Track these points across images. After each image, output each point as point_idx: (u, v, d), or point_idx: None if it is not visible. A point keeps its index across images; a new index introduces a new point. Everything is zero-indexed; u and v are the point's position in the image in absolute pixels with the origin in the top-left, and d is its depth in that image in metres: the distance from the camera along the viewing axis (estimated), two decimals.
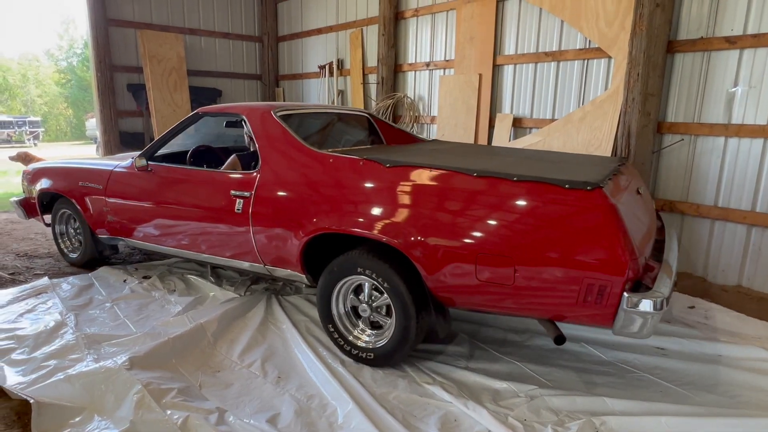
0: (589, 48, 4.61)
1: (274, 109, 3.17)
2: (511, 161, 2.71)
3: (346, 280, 2.65)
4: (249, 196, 2.89)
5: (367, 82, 7.12)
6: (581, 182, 2.06)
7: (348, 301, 2.72)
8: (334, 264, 2.63)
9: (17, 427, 2.10)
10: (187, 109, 7.82)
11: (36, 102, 34.87)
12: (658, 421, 2.16)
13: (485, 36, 5.44)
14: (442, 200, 2.30)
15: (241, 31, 8.75)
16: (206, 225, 3.13)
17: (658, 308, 1.92)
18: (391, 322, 2.54)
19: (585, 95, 4.73)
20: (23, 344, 2.73)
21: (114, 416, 2.11)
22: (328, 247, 2.81)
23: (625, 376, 2.61)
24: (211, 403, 2.29)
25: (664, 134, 4.17)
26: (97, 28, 7.22)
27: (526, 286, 2.12)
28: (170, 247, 3.45)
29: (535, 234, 2.08)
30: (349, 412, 2.22)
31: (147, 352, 2.56)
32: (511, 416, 2.22)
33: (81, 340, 2.77)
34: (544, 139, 4.90)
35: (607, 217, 1.98)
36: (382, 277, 2.45)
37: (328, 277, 2.67)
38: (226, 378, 2.53)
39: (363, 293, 2.65)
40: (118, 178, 3.62)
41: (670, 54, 4.04)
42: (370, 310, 2.64)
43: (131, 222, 3.58)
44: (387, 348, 2.56)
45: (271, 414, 2.23)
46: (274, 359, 2.71)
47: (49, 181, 4.03)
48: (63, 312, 3.16)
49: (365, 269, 2.50)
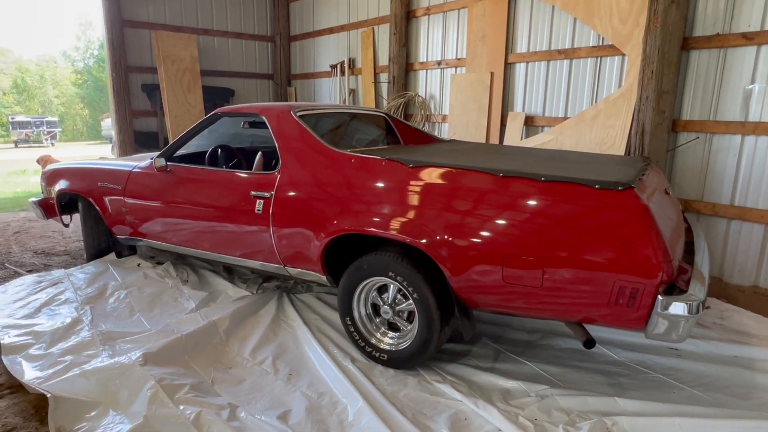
0: (602, 45, 4.57)
1: (294, 108, 3.15)
2: (534, 161, 2.68)
3: (369, 282, 2.62)
4: (269, 197, 2.88)
5: (378, 81, 7.13)
6: (612, 182, 2.02)
7: (369, 303, 2.70)
8: (355, 265, 2.61)
9: (35, 420, 2.15)
10: (201, 109, 7.89)
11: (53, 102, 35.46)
12: (672, 423, 2.13)
13: (497, 34, 5.41)
14: (468, 201, 2.27)
15: (254, 31, 8.81)
16: (226, 226, 3.13)
17: (693, 312, 1.86)
18: (413, 326, 2.53)
19: (598, 93, 4.68)
20: (40, 340, 2.78)
21: (128, 411, 2.15)
22: (349, 249, 2.79)
23: (638, 376, 2.58)
24: (223, 399, 2.31)
25: (678, 132, 4.11)
26: (113, 29, 7.32)
27: (554, 288, 2.09)
28: (189, 247, 3.46)
29: (564, 235, 2.04)
30: (359, 409, 2.22)
31: (160, 349, 2.60)
32: (522, 416, 2.21)
33: (96, 337, 2.82)
34: (556, 138, 4.87)
35: (640, 218, 1.94)
36: (406, 279, 2.42)
37: (350, 278, 2.65)
38: (238, 374, 2.55)
39: (387, 294, 2.62)
40: (136, 178, 3.64)
41: (685, 51, 3.98)
42: (392, 312, 2.62)
43: (150, 222, 3.59)
44: (408, 351, 2.54)
45: (283, 411, 2.25)
46: (285, 357, 2.74)
47: (68, 182, 4.06)
48: (78, 307, 3.21)
49: (388, 271, 2.48)
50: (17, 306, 3.26)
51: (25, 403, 2.26)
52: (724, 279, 3.95)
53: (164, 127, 7.84)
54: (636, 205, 1.96)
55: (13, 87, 34.38)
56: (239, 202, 3.02)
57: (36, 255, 4.52)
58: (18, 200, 7.68)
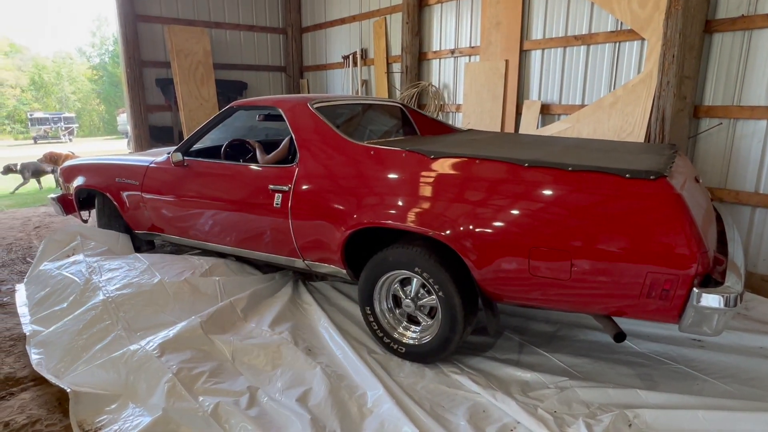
0: (620, 30, 4.45)
1: (311, 101, 3.11)
2: (557, 150, 2.62)
3: (391, 275, 2.58)
4: (288, 190, 2.86)
5: (391, 71, 7.07)
6: (643, 171, 1.95)
7: (391, 295, 2.67)
8: (378, 258, 2.57)
9: (58, 412, 2.18)
10: (214, 103, 7.92)
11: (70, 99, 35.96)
12: (695, 416, 2.09)
13: (512, 21, 5.31)
14: (491, 192, 2.21)
15: (266, 23, 8.79)
16: (243, 220, 3.11)
17: (730, 305, 1.79)
18: (434, 321, 2.50)
19: (616, 79, 4.57)
20: (61, 330, 2.78)
21: (147, 403, 2.17)
22: (368, 241, 2.76)
23: (660, 367, 2.53)
24: (243, 380, 2.34)
25: (701, 118, 4.01)
26: (126, 24, 7.36)
27: (582, 280, 2.03)
28: (207, 241, 3.46)
29: (593, 226, 1.98)
30: (379, 397, 2.23)
31: (177, 334, 2.60)
32: (541, 408, 2.18)
33: (116, 326, 2.75)
34: (573, 126, 4.78)
35: (674, 208, 1.87)
36: (432, 276, 2.38)
37: (372, 271, 2.61)
38: (258, 346, 2.59)
39: (410, 287, 2.58)
40: (154, 173, 3.63)
41: (707, 34, 3.86)
42: (414, 306, 2.58)
43: (167, 217, 3.60)
44: (429, 346, 2.51)
45: (303, 390, 2.27)
46: (303, 333, 2.78)
47: (86, 178, 4.08)
48: (99, 289, 3.13)
49: (413, 266, 2.44)
50: (40, 295, 3.26)
51: (49, 395, 2.30)
52: (749, 268, 3.86)
53: (179, 122, 7.89)
54: (669, 194, 1.89)
55: (31, 84, 34.92)
56: (257, 196, 3.01)
57: None
58: (39, 196, 7.82)
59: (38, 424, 2.11)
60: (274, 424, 2.06)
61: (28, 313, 3.03)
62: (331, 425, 2.07)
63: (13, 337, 2.86)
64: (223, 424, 2.03)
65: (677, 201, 1.88)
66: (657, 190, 1.91)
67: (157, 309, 2.91)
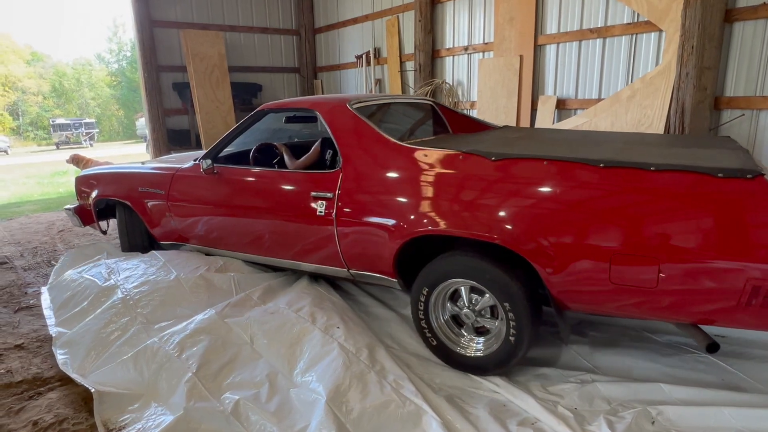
0: (637, 22, 4.38)
1: (349, 101, 2.95)
2: (620, 147, 2.47)
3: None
4: (332, 197, 2.69)
5: (404, 69, 7.06)
6: (737, 170, 1.83)
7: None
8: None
9: (84, 411, 2.23)
10: (230, 105, 8.01)
11: (90, 104, 36.70)
12: (721, 412, 2.03)
13: (526, 16, 5.26)
14: (566, 195, 2.06)
15: (279, 25, 8.86)
16: (282, 229, 2.97)
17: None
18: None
19: (634, 72, 4.50)
20: (84, 330, 2.82)
21: (169, 403, 2.20)
22: (419, 250, 2.60)
23: (685, 358, 2.47)
24: (263, 366, 2.36)
25: (722, 110, 3.92)
26: (143, 30, 7.49)
27: (672, 288, 1.90)
28: (241, 251, 3.32)
29: (684, 230, 1.85)
30: (399, 375, 2.25)
31: (195, 327, 2.62)
32: (561, 404, 2.15)
33: (134, 322, 2.79)
34: (590, 120, 4.72)
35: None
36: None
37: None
38: (276, 327, 2.62)
39: (464, 297, 2.43)
40: (181, 181, 3.44)
41: (728, 23, 3.78)
42: (474, 315, 2.40)
43: (197, 227, 3.43)
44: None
45: (321, 368, 2.28)
46: (320, 311, 2.77)
47: (107, 187, 3.88)
48: (118, 288, 3.18)
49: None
50: (63, 298, 3.33)
51: (75, 395, 2.35)
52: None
53: (195, 125, 8.00)
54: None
55: (53, 91, 35.73)
56: (298, 204, 2.84)
57: None
58: (61, 200, 7.99)
59: (65, 423, 2.16)
60: (294, 411, 2.09)
61: (53, 316, 3.11)
62: (350, 405, 2.07)
63: (40, 339, 2.93)
64: (243, 422, 2.05)
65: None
66: (755, 188, 1.78)
67: (174, 304, 2.94)
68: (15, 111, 33.42)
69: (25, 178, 12.05)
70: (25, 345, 2.87)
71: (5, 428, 2.14)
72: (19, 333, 3.03)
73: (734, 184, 1.82)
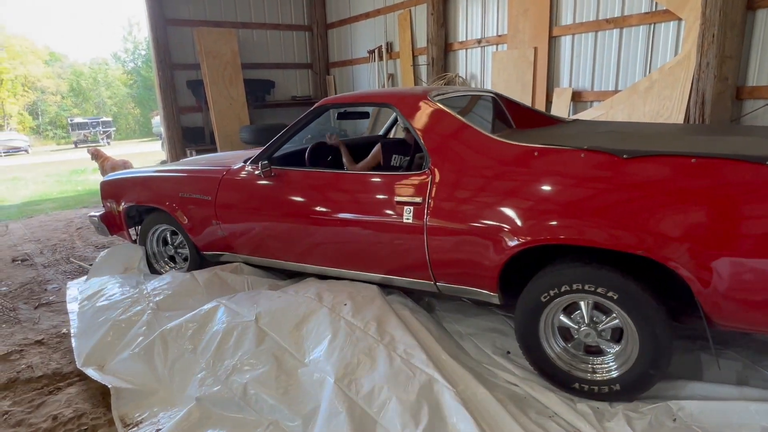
0: (655, 11, 4.29)
1: (430, 93, 2.67)
2: (752, 140, 2.28)
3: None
4: (421, 203, 2.42)
5: (417, 63, 7.02)
6: None
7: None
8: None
9: (102, 406, 2.26)
10: (243, 102, 8.05)
11: (107, 103, 37.20)
12: (746, 408, 1.97)
13: (540, 7, 5.18)
14: (729, 198, 1.80)
15: (291, 21, 8.87)
16: (359, 238, 2.68)
17: None
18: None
19: (652, 63, 4.41)
20: (101, 320, 2.85)
21: (182, 396, 2.23)
22: (523, 261, 2.33)
23: (708, 357, 2.41)
24: (270, 344, 2.38)
25: (744, 100, 3.82)
26: (157, 28, 7.55)
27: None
28: (305, 263, 3.00)
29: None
30: (410, 344, 2.27)
31: (203, 315, 2.67)
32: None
33: (146, 310, 2.86)
34: (607, 112, 4.64)
35: None
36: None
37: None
38: (282, 308, 2.63)
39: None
40: (231, 186, 3.13)
41: (750, 10, 3.67)
42: (595, 333, 2.13)
43: (251, 236, 3.12)
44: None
45: (326, 343, 2.29)
46: (328, 293, 2.74)
47: (139, 194, 3.54)
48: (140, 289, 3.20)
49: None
50: (87, 293, 3.36)
51: (93, 390, 2.38)
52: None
53: (209, 122, 8.05)
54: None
55: (70, 90, 36.28)
56: (379, 211, 2.57)
57: (98, 249, 4.75)
58: (80, 198, 8.12)
59: (84, 418, 2.19)
60: (302, 392, 2.10)
61: (76, 310, 3.14)
62: (360, 382, 2.07)
63: (60, 334, 2.98)
64: (254, 406, 2.08)
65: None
66: None
67: (187, 296, 2.99)
68: (35, 111, 34.00)
69: (44, 176, 12.26)
70: (45, 341, 2.91)
71: (26, 422, 2.18)
72: (39, 329, 3.08)
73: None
